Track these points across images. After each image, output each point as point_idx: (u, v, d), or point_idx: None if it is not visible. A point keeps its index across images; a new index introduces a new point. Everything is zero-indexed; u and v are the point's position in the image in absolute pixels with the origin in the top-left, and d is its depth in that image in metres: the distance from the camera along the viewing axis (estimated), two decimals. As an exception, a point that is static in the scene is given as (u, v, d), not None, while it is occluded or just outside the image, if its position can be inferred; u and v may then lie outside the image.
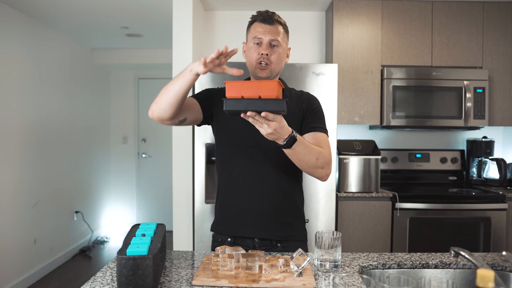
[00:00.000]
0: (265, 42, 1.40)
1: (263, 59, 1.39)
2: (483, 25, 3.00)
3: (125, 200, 5.39)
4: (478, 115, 2.91)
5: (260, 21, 1.42)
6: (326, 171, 1.37)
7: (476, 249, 2.69)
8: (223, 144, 1.49)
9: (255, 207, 1.43)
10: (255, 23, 1.44)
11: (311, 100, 1.51)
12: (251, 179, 1.43)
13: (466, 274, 1.28)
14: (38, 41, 3.64)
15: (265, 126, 1.17)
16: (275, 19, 1.41)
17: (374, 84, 2.98)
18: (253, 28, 1.43)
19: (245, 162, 1.44)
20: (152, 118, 1.34)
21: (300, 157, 1.29)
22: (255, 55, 1.40)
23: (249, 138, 1.41)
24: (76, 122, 4.35)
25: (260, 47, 1.40)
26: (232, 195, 1.46)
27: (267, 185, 1.43)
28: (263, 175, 1.43)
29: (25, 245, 3.42)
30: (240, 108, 1.14)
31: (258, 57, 1.40)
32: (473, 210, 2.70)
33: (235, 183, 1.45)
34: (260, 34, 1.40)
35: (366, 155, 2.77)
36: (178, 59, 2.76)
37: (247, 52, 1.46)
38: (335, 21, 3.00)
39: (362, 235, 2.73)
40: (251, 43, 1.43)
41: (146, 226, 1.26)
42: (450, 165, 3.23)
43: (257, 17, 1.44)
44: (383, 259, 1.33)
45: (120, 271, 1.00)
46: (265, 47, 1.39)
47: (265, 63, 1.40)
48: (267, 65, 1.40)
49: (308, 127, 1.44)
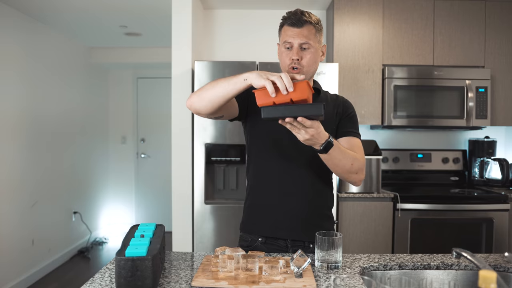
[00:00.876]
0: (296, 47, 1.39)
1: (294, 64, 1.39)
2: (485, 24, 3.00)
3: (124, 201, 5.39)
4: (480, 114, 2.91)
5: (289, 24, 1.41)
6: (360, 176, 1.40)
7: (478, 250, 2.69)
8: (257, 142, 1.50)
9: (288, 208, 1.44)
10: (284, 26, 1.43)
11: (346, 104, 1.55)
12: (285, 179, 1.45)
13: (468, 276, 1.28)
14: (35, 39, 3.64)
15: (302, 132, 1.18)
16: (304, 20, 1.39)
17: (375, 84, 2.98)
18: (283, 32, 1.43)
19: (280, 162, 1.45)
20: (188, 108, 1.34)
21: (336, 162, 1.32)
22: (287, 60, 1.41)
23: (285, 138, 1.41)
24: (74, 122, 4.35)
25: (290, 52, 1.40)
26: (265, 195, 1.47)
27: (301, 186, 1.45)
28: (297, 176, 1.44)
29: (22, 246, 3.42)
30: (278, 115, 1.13)
31: (289, 62, 1.40)
32: (475, 211, 2.70)
33: (269, 183, 1.46)
34: (290, 38, 1.39)
35: (367, 155, 2.77)
36: (177, 58, 2.76)
37: (279, 55, 1.46)
38: (336, 19, 3.00)
39: (363, 235, 2.73)
40: (282, 48, 1.43)
41: (145, 227, 1.26)
42: (452, 165, 3.23)
43: (286, 20, 1.43)
44: (384, 260, 1.33)
45: (119, 272, 1.00)
46: (295, 52, 1.38)
47: (296, 67, 1.39)
48: (298, 69, 1.40)
49: (343, 132, 1.47)
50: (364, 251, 2.70)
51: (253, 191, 1.51)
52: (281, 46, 1.45)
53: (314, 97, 1.47)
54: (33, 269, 3.56)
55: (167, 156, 4.76)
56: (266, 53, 3.19)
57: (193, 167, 2.66)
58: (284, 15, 1.44)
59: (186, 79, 2.76)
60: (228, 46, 3.35)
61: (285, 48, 1.42)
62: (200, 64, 2.57)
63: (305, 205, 1.45)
